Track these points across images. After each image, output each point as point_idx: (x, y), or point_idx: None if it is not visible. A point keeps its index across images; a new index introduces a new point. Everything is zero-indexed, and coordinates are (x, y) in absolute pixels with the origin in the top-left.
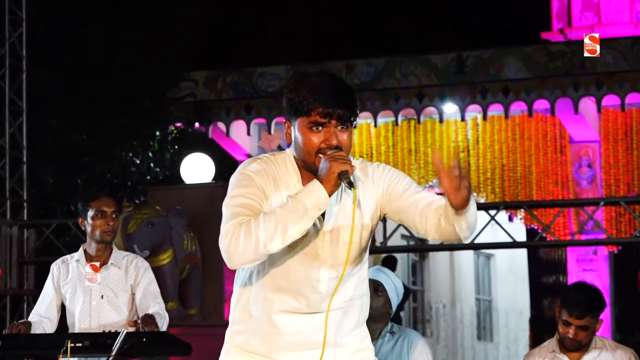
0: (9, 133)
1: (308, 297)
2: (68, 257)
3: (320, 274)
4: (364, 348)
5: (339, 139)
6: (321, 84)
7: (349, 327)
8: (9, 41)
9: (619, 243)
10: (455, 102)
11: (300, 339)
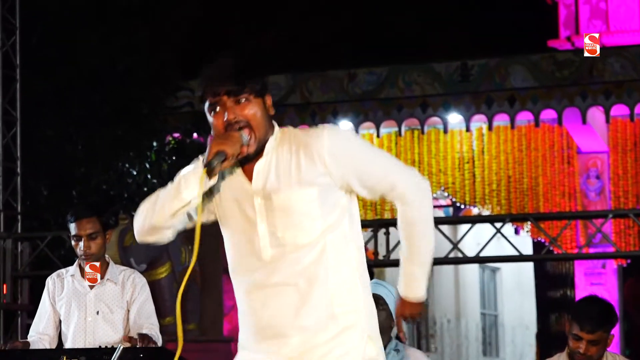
0: (3, 144)
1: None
2: (63, 271)
3: (259, 242)
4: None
5: (236, 113)
6: (208, 67)
7: (300, 309)
8: (2, 49)
9: (628, 256)
10: (459, 112)
11: (271, 323)
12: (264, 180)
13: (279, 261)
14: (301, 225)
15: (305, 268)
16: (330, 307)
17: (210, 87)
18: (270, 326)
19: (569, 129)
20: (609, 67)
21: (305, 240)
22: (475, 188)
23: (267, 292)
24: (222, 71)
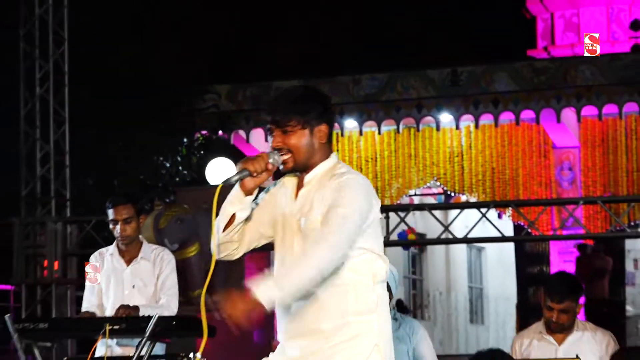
0: (53, 140)
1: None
2: (104, 250)
3: (286, 261)
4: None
5: (281, 141)
6: (272, 98)
7: (320, 314)
8: (53, 58)
9: (596, 238)
10: (450, 112)
11: (294, 326)
12: (301, 205)
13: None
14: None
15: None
16: (347, 315)
17: (267, 114)
18: (294, 328)
19: (546, 127)
20: (581, 73)
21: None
22: (463, 178)
23: (298, 300)
24: (276, 103)
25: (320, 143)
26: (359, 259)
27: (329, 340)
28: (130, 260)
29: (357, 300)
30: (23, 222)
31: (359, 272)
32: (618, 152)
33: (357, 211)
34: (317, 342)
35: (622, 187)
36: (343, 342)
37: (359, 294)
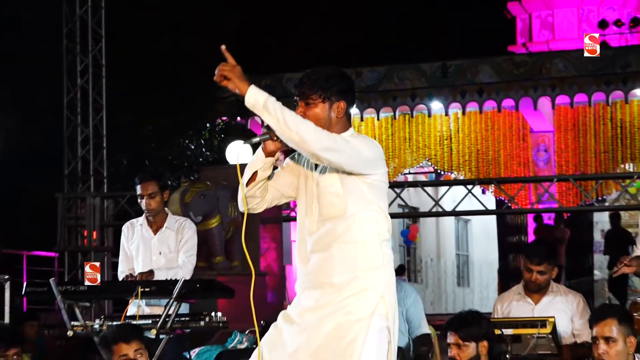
0: (92, 125)
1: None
2: (135, 221)
3: (306, 221)
4: (351, 294)
5: (301, 111)
6: (304, 73)
7: (332, 269)
8: (92, 53)
9: (568, 211)
10: (440, 100)
11: (310, 279)
12: (319, 170)
13: (320, 232)
14: (331, 200)
15: (334, 235)
16: (356, 270)
17: (293, 89)
18: (310, 280)
19: (524, 113)
20: (555, 66)
21: (333, 211)
22: (452, 158)
23: (313, 253)
24: (301, 80)
25: (337, 117)
26: (367, 214)
27: (340, 293)
28: (157, 230)
29: (365, 256)
30: (66, 197)
31: (366, 230)
32: (587, 135)
33: (361, 145)
34: (329, 294)
35: (591, 166)
36: (352, 294)
37: (367, 252)
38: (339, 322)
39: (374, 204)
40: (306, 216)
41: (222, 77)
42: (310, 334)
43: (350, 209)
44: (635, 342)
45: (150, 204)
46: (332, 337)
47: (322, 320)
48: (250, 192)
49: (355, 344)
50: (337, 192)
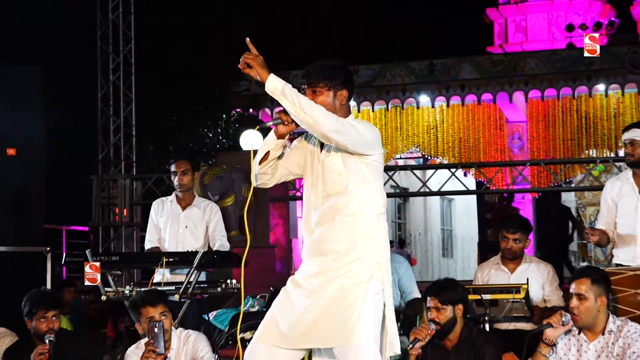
0: (123, 115)
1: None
2: (165, 198)
3: (312, 196)
4: (351, 261)
5: (310, 98)
6: (311, 64)
7: (335, 239)
8: (123, 53)
9: (539, 191)
10: (427, 94)
11: (316, 247)
12: (326, 150)
13: (325, 206)
14: (335, 178)
15: (336, 208)
16: (355, 238)
17: (302, 78)
18: (315, 248)
19: (501, 106)
20: (528, 65)
21: (336, 188)
22: (438, 145)
23: (317, 225)
24: (309, 71)
25: (340, 104)
26: (365, 191)
27: (342, 260)
28: (185, 207)
29: (363, 227)
30: (100, 179)
31: (364, 205)
32: (556, 125)
33: (364, 129)
34: (332, 261)
35: (560, 152)
36: (352, 261)
37: (365, 223)
38: (341, 285)
39: (371, 182)
40: (312, 192)
41: (246, 65)
42: (316, 296)
43: (351, 186)
44: (605, 301)
45: (182, 180)
46: (335, 299)
47: (326, 283)
48: (263, 169)
49: (355, 304)
50: (340, 171)
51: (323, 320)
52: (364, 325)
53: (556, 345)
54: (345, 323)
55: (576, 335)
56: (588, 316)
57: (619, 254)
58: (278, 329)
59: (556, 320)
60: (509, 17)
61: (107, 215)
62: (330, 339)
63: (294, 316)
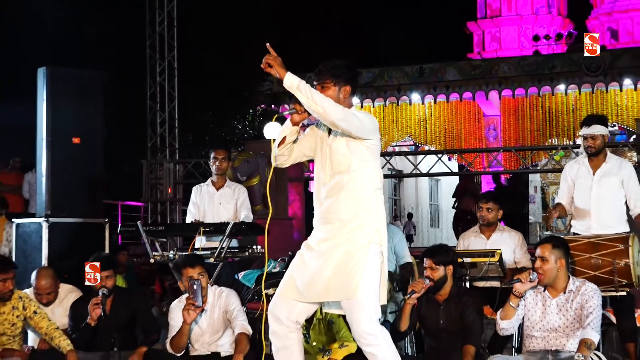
0: (168, 111)
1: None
2: (202, 184)
3: (321, 174)
4: (354, 228)
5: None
6: (321, 63)
7: (340, 209)
8: (167, 59)
9: (510, 172)
10: (418, 93)
11: (325, 215)
12: (333, 134)
13: (332, 182)
14: (338, 160)
15: (341, 184)
16: (357, 209)
17: (314, 75)
18: (324, 217)
19: (479, 102)
20: (501, 69)
21: (341, 166)
22: (427, 135)
23: (326, 198)
24: (319, 69)
25: (344, 98)
26: (365, 170)
27: (346, 227)
28: (218, 188)
29: (364, 200)
30: (149, 163)
31: (364, 181)
32: (525, 118)
33: (365, 118)
34: (338, 228)
35: (527, 140)
36: (355, 228)
37: (365, 197)
38: (347, 250)
39: (370, 162)
40: (321, 171)
41: (267, 65)
42: (325, 258)
43: (354, 165)
44: (564, 263)
45: (221, 166)
46: (341, 261)
47: (333, 247)
48: (281, 151)
49: (358, 265)
50: (345, 152)
51: (332, 278)
52: (365, 282)
53: (524, 298)
54: (350, 280)
55: (542, 293)
56: (549, 275)
57: (576, 224)
58: (295, 286)
59: (525, 277)
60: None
61: (155, 192)
62: (339, 294)
63: (308, 275)
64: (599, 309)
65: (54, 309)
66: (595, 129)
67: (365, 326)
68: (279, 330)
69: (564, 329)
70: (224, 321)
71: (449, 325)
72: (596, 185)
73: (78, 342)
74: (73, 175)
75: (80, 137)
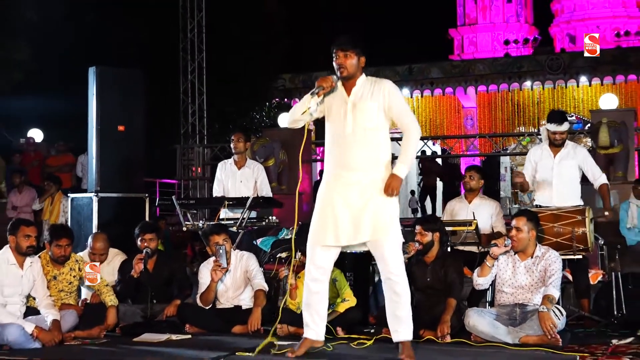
0: (197, 103)
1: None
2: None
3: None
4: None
5: (341, 60)
6: (338, 35)
7: (359, 156)
8: (197, 60)
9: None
10: (407, 89)
11: (348, 161)
12: (355, 96)
13: (355, 134)
14: (369, 118)
15: (366, 138)
16: (377, 158)
17: (334, 45)
18: (348, 163)
19: (459, 97)
20: (478, 68)
21: (369, 125)
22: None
23: (348, 146)
24: (341, 39)
25: (360, 66)
26: (385, 133)
27: (368, 174)
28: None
29: (387, 152)
30: (182, 147)
31: (384, 138)
32: (497, 110)
33: (408, 105)
34: (362, 174)
35: (499, 128)
36: (383, 178)
37: (387, 149)
38: (381, 196)
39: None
40: (336, 121)
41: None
42: (365, 201)
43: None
44: (534, 234)
45: (237, 145)
46: (379, 206)
47: (371, 193)
48: (301, 117)
49: (391, 210)
50: (372, 113)
51: (374, 219)
52: (397, 223)
53: (498, 260)
54: (389, 222)
55: (512, 256)
56: (522, 243)
57: (539, 197)
58: (333, 232)
59: (501, 242)
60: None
61: (187, 172)
62: (378, 234)
63: (349, 217)
64: (559, 272)
65: (103, 269)
66: (564, 127)
67: (399, 261)
68: (319, 277)
69: (529, 287)
70: (245, 280)
71: (435, 283)
72: (557, 166)
73: (123, 292)
74: (118, 157)
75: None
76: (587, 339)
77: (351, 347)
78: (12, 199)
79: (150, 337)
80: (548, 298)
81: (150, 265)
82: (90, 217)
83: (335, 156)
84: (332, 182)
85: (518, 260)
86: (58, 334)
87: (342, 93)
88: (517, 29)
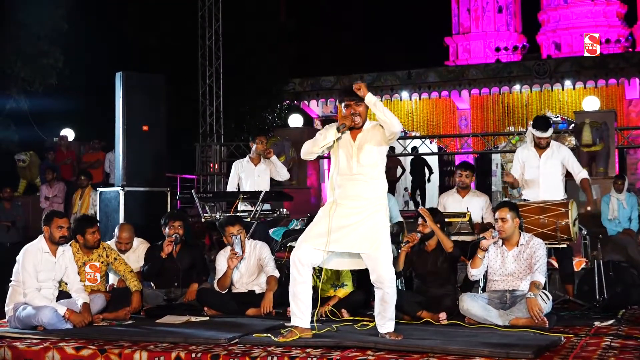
0: (215, 105)
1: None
2: (242, 160)
3: (353, 164)
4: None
5: (357, 110)
6: (345, 86)
7: (362, 189)
8: (215, 65)
9: (478, 153)
10: (407, 92)
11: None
12: (359, 140)
13: (359, 172)
14: (370, 157)
15: (367, 174)
16: (377, 191)
17: (348, 96)
18: (351, 195)
19: (454, 99)
20: (471, 73)
21: (370, 162)
22: (413, 124)
23: (352, 183)
24: (351, 92)
25: (366, 114)
26: (382, 166)
27: (372, 203)
28: (256, 164)
29: (383, 186)
30: (201, 145)
31: (382, 172)
32: (488, 111)
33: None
34: (365, 205)
35: (491, 128)
36: (378, 205)
37: (383, 183)
38: (375, 218)
39: (384, 160)
40: (340, 159)
41: (358, 88)
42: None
43: (379, 162)
44: (518, 222)
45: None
46: (370, 226)
47: (365, 216)
48: (319, 150)
49: (384, 228)
50: (374, 153)
51: (366, 234)
52: (387, 240)
53: (488, 252)
54: (379, 237)
55: (500, 247)
56: (508, 231)
57: (527, 193)
58: (324, 239)
59: (488, 235)
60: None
61: (205, 168)
62: (367, 245)
63: (344, 231)
64: (544, 258)
65: (128, 256)
66: (548, 133)
67: (390, 273)
68: (303, 271)
69: (517, 274)
70: (258, 267)
71: (434, 269)
72: (542, 165)
73: (149, 272)
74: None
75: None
76: (571, 321)
77: (355, 328)
78: (45, 191)
79: (171, 318)
80: (535, 284)
81: (175, 251)
82: (117, 209)
83: (341, 187)
84: (334, 205)
85: (506, 251)
86: (88, 316)
87: (349, 137)
88: (507, 37)
